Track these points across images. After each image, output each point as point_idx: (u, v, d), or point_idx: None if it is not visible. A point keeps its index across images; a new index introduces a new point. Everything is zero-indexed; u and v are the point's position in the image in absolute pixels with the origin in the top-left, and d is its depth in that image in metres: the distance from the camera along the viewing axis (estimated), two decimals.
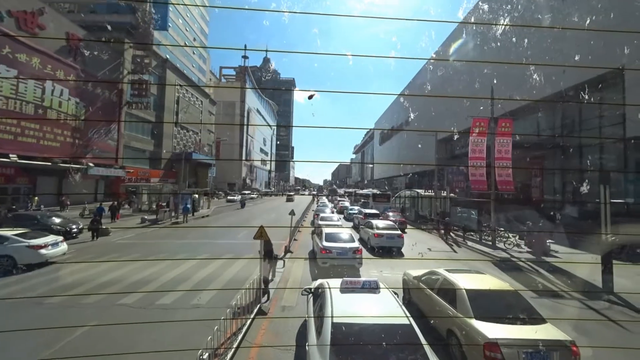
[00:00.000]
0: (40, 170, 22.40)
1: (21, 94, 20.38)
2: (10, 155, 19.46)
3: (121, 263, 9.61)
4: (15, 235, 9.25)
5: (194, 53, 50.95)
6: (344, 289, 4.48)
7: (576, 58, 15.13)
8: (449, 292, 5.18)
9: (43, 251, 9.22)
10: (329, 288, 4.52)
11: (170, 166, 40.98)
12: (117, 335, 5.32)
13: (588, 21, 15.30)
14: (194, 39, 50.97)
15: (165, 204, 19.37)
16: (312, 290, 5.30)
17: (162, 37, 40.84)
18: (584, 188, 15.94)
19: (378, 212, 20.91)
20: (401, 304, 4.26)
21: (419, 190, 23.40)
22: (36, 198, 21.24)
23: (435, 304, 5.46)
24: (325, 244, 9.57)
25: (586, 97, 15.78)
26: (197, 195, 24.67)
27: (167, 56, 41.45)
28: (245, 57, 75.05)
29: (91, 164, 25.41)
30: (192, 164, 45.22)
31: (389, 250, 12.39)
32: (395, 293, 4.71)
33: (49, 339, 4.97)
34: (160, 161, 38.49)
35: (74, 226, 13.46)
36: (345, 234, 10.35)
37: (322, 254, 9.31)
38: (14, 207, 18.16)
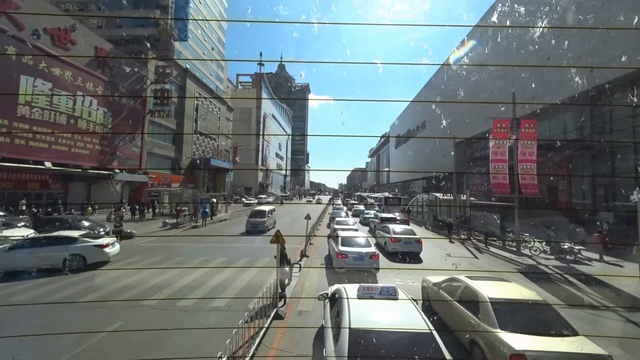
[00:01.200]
0: (71, 177, 23.81)
1: (55, 105, 21.82)
2: (46, 163, 20.83)
3: (142, 266, 9.97)
4: (80, 235, 9.85)
5: (212, 61, 52.69)
6: (362, 295, 4.39)
7: (623, 59, 14.22)
8: (472, 301, 4.92)
9: (107, 250, 9.80)
10: (346, 293, 4.48)
11: (190, 171, 42.35)
12: (139, 337, 5.49)
13: (636, 19, 14.22)
14: (212, 49, 52.76)
15: (186, 208, 19.98)
16: (329, 295, 5.22)
17: (183, 47, 42.55)
18: (620, 191, 14.94)
19: (395, 216, 20.54)
20: (421, 311, 4.09)
21: (437, 194, 22.80)
22: (89, 209, 22.63)
23: (457, 312, 5.20)
24: (342, 248, 9.53)
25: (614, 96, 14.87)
26: (215, 200, 25.28)
27: (187, 66, 43.12)
28: (260, 64, 76.72)
29: (117, 170, 26.71)
30: (211, 169, 46.59)
31: (406, 255, 12.10)
32: (415, 300, 4.59)
33: (75, 339, 5.20)
34: (180, 166, 39.85)
35: (101, 229, 14.15)
36: (361, 239, 10.30)
37: (339, 258, 9.26)
38: (49, 209, 19.40)
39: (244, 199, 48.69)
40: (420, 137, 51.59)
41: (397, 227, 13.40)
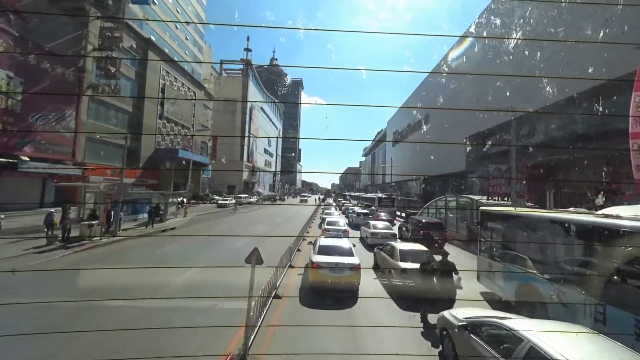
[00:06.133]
0: None
1: None
2: None
3: None
4: None
5: (187, 39, 45.37)
6: (327, 236, 11.02)
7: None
8: (393, 252, 8.92)
9: None
10: (319, 237, 9.58)
11: (153, 165, 35.09)
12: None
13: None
14: (187, 24, 45.43)
15: (97, 214, 12.86)
16: (314, 241, 9.28)
17: (144, 13, 35.19)
18: None
19: (368, 211, 25.54)
20: (352, 243, 9.15)
21: (475, 197, 16.24)
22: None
23: (386, 259, 9.17)
24: (326, 227, 15.59)
25: None
26: (161, 200, 18.30)
27: (152, 37, 35.85)
28: (247, 49, 69.26)
29: (25, 158, 19.42)
30: (183, 163, 39.30)
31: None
32: (354, 245, 9.10)
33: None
34: (138, 158, 32.53)
35: None
36: (340, 222, 16.71)
37: (324, 233, 14.57)
38: None
39: (218, 199, 41.53)
40: (433, 142, 45.54)
41: (378, 223, 15.93)
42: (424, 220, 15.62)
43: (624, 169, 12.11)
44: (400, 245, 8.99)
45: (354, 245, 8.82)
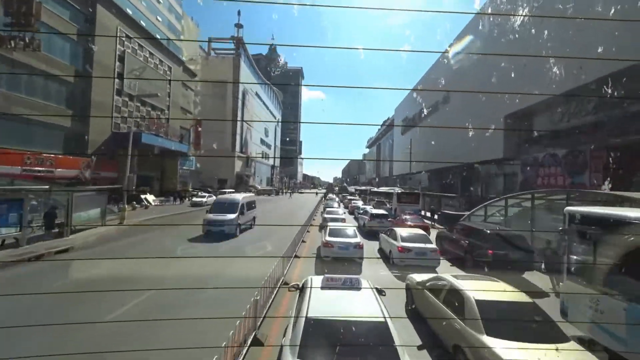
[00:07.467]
0: None
1: None
2: None
3: None
4: None
5: (159, 2, 37.52)
6: (325, 286, 4.44)
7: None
8: (457, 301, 4.56)
9: None
10: (311, 284, 4.51)
11: (111, 153, 27.84)
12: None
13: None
14: None
15: None
16: (300, 286, 5.09)
17: None
18: None
19: (386, 212, 18.96)
20: (381, 302, 4.05)
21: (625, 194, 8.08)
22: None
23: (441, 314, 4.79)
24: (329, 238, 10.22)
25: None
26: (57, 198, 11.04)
27: None
28: (239, 25, 61.02)
29: None
30: (156, 152, 32.00)
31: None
32: (382, 292, 4.56)
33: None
34: (86, 145, 25.26)
35: None
36: (348, 230, 10.96)
37: (326, 247, 10.01)
38: None
39: (201, 195, 34.29)
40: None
41: (404, 231, 10.62)
42: (488, 231, 9.92)
43: None
44: (472, 290, 4.38)
45: (382, 297, 4.33)
